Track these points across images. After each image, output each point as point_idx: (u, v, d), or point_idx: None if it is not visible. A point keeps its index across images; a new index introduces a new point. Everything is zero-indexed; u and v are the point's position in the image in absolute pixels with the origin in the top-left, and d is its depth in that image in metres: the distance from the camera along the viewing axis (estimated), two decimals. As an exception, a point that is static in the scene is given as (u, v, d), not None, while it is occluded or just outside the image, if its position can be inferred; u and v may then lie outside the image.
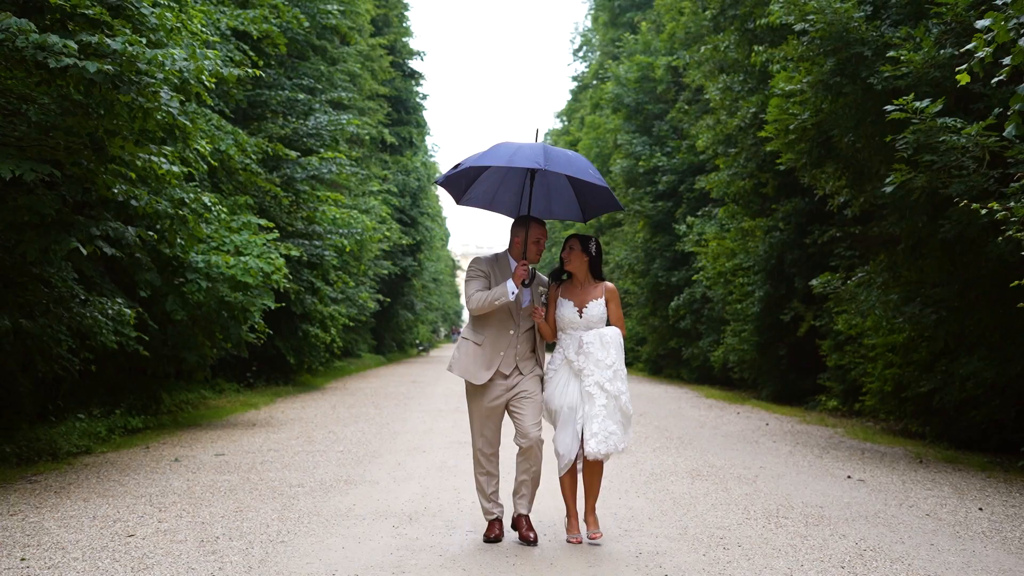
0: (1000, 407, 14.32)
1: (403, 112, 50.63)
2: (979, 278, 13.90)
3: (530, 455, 8.46)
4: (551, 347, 9.01)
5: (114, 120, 12.11)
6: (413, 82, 52.12)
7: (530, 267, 8.55)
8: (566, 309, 8.57)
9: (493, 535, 8.55)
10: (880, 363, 17.79)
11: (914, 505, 10.56)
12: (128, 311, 14.20)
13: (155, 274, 15.72)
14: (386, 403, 23.25)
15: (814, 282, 19.23)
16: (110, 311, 13.95)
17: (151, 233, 14.80)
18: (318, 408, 21.72)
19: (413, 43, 51.97)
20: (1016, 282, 11.24)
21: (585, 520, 8.51)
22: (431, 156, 66.27)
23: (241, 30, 20.01)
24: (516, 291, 8.38)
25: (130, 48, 11.09)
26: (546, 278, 8.93)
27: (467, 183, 9.00)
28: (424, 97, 54.34)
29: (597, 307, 8.53)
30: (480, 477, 8.67)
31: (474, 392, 8.63)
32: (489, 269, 8.67)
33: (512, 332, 8.59)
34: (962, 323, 14.43)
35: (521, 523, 8.54)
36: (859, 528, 9.29)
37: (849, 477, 12.41)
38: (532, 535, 8.43)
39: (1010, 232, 10.86)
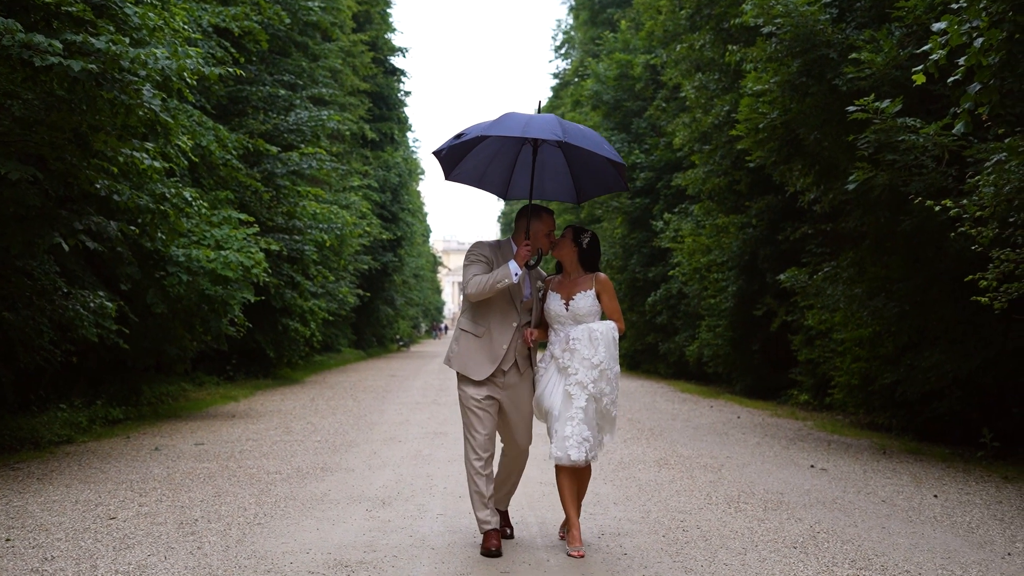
0: (961, 399, 14.65)
1: (384, 108, 50.79)
2: (940, 274, 14.22)
3: (516, 459, 8.25)
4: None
5: (97, 116, 12.33)
6: (395, 79, 52.26)
7: (539, 252, 8.09)
8: (553, 302, 8.02)
9: (493, 547, 7.77)
10: (848, 357, 18.10)
11: (871, 492, 10.88)
12: (109, 304, 14.45)
13: (136, 268, 15.95)
14: (364, 396, 23.52)
15: (782, 276, 19.53)
16: (92, 304, 14.21)
17: (133, 228, 15.05)
18: (297, 400, 22.00)
19: (395, 39, 52.08)
20: (970, 276, 11.61)
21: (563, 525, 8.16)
22: (414, 152, 66.46)
23: (223, 27, 20.21)
24: (519, 272, 7.78)
25: (113, 47, 11.33)
26: (544, 273, 8.44)
27: (459, 157, 8.33)
28: (407, 94, 54.53)
29: (585, 299, 7.92)
30: (478, 480, 7.89)
31: (470, 388, 8.00)
32: (492, 255, 8.04)
33: (515, 324, 8.00)
34: (925, 317, 14.75)
35: (500, 516, 8.22)
36: (815, 513, 9.62)
37: (812, 466, 12.72)
38: (508, 529, 8.29)
39: (963, 228, 11.23)
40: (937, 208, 11.31)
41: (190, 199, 15.95)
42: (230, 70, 14.62)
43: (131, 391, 18.30)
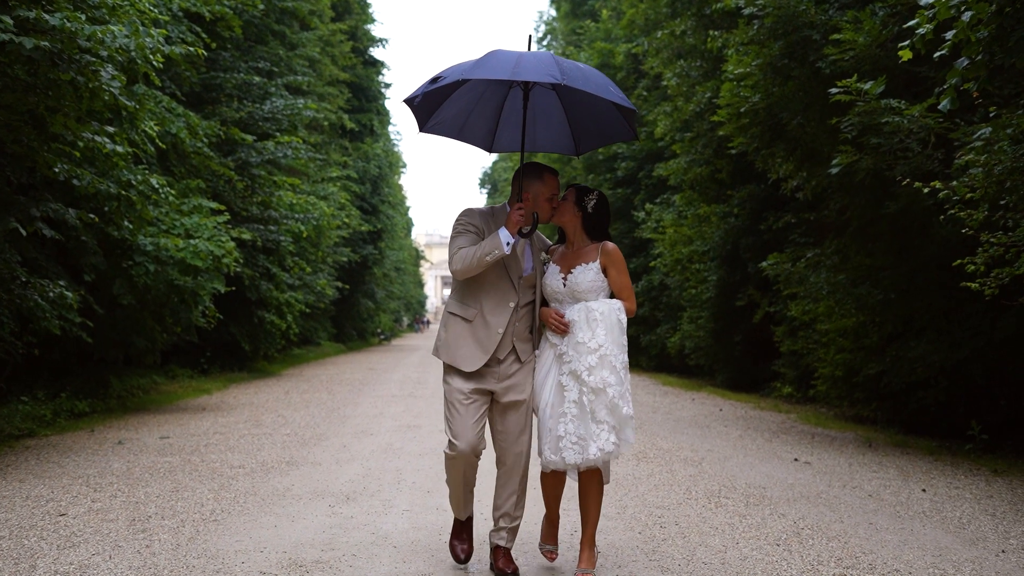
0: (947, 390, 14.33)
1: (364, 100, 50.33)
2: (926, 261, 13.91)
3: (513, 468, 6.89)
4: None
5: (62, 101, 11.94)
6: (374, 70, 51.81)
7: (534, 217, 6.71)
8: (550, 276, 6.81)
9: (464, 554, 7.02)
10: (832, 348, 17.77)
11: (858, 486, 10.52)
12: (69, 294, 13.96)
13: (100, 257, 15.53)
14: (340, 389, 23.13)
15: (764, 263, 19.20)
16: (51, 294, 13.71)
17: (92, 215, 14.57)
18: (271, 393, 21.59)
19: (375, 30, 51.66)
20: (958, 261, 11.23)
21: (580, 551, 6.78)
22: (395, 145, 65.97)
23: (194, 11, 19.79)
24: (512, 241, 6.52)
25: (68, 24, 10.92)
26: (548, 241, 7.22)
27: (435, 106, 7.00)
28: (387, 86, 54.03)
29: (586, 273, 6.68)
30: (459, 487, 6.91)
31: (457, 380, 6.79)
32: (483, 225, 6.78)
33: (512, 304, 6.76)
34: (910, 306, 14.42)
35: (499, 554, 6.85)
36: (799, 508, 9.24)
37: (796, 460, 12.37)
38: (512, 567, 6.78)
39: (952, 211, 10.85)
40: (926, 190, 10.92)
41: (157, 186, 15.52)
42: (191, 49, 14.16)
43: (98, 384, 17.84)
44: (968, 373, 13.93)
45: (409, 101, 6.75)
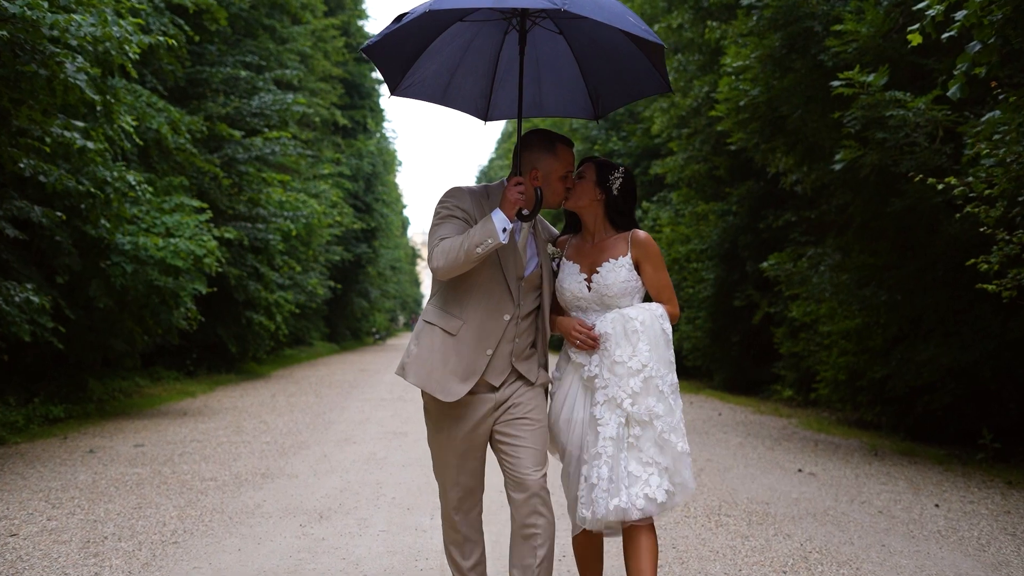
0: (956, 393, 13.78)
1: (357, 96, 49.85)
2: (933, 261, 13.42)
3: (533, 516, 5.15)
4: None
5: (36, 94, 11.37)
6: (368, 66, 51.30)
7: (537, 194, 5.17)
8: (568, 277, 5.37)
9: None
10: (835, 351, 17.25)
11: (866, 501, 9.93)
12: (35, 299, 13.30)
13: (75, 258, 14.95)
14: (328, 391, 22.56)
15: (764, 264, 18.68)
16: (17, 299, 13.05)
17: (60, 213, 13.96)
18: (257, 396, 20.98)
19: (368, 27, 51.17)
20: (972, 260, 10.65)
21: None
22: (389, 143, 65.34)
23: (176, 2, 19.22)
24: (509, 227, 4.94)
25: (29, 12, 10.33)
26: (555, 231, 5.68)
27: (408, 59, 5.35)
28: (381, 83, 53.51)
29: (616, 271, 5.25)
30: (452, 548, 5.44)
31: (442, 413, 5.29)
32: (474, 209, 5.21)
33: (508, 316, 5.22)
34: (917, 306, 13.90)
35: None
36: (806, 527, 8.63)
37: (800, 471, 11.79)
38: None
39: (968, 208, 10.26)
40: (940, 186, 10.33)
41: (134, 183, 14.93)
42: (161, 39, 13.53)
43: (76, 387, 17.18)
44: (977, 376, 13.40)
45: (368, 50, 5.14)
